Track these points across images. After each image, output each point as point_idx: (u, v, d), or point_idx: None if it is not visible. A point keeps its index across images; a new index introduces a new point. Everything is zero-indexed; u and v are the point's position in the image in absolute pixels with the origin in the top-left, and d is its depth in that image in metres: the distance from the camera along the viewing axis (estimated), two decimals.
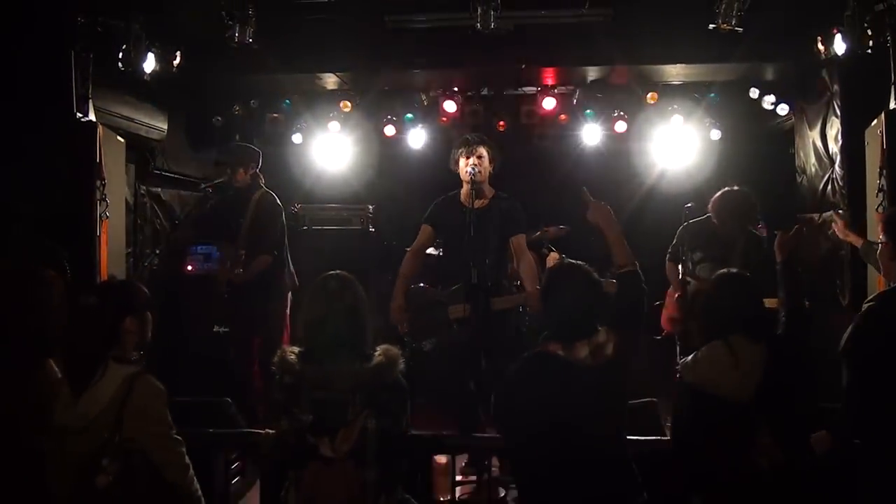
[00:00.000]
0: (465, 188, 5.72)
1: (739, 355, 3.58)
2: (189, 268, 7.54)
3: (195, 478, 3.51)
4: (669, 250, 6.49)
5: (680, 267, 6.45)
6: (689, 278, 6.31)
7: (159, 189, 7.44)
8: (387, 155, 8.93)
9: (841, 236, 5.43)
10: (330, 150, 8.59)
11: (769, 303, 5.38)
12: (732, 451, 3.52)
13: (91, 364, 3.39)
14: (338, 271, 3.46)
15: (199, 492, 3.52)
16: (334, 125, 8.28)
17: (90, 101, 5.52)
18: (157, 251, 7.15)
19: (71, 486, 3.32)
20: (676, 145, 8.18)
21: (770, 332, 3.77)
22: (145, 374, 3.46)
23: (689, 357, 3.71)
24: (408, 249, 6.58)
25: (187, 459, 3.48)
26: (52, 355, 3.67)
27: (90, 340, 3.41)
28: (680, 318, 6.23)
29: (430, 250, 6.37)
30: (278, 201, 6.88)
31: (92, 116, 5.54)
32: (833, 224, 5.40)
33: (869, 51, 5.52)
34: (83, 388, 3.35)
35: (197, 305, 7.42)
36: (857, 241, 5.23)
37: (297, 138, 8.39)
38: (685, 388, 3.70)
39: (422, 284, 5.93)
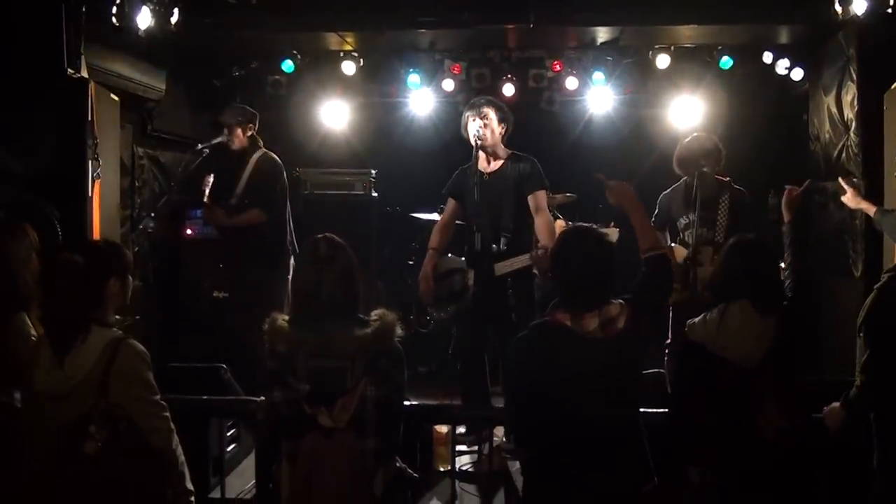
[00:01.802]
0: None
1: (752, 320, 3.45)
2: (188, 232, 7.44)
3: (179, 444, 3.43)
4: (653, 219, 6.28)
5: (668, 234, 6.29)
6: (675, 245, 6.16)
7: (157, 151, 7.28)
8: (390, 118, 8.75)
9: (852, 205, 5.23)
10: (333, 113, 8.43)
11: None
12: (735, 417, 3.41)
13: (73, 327, 3.30)
14: (327, 234, 3.31)
15: (183, 457, 3.44)
16: (337, 87, 8.12)
17: (82, 56, 5.34)
18: (152, 215, 7.00)
19: (53, 454, 3.23)
20: (687, 111, 8.00)
21: (783, 299, 3.63)
22: (129, 338, 3.38)
23: (699, 318, 3.57)
24: (411, 215, 6.48)
25: (172, 425, 3.40)
26: (25, 309, 3.63)
27: (72, 301, 3.31)
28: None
29: None
30: (279, 161, 6.75)
31: (84, 73, 5.36)
32: (841, 190, 5.22)
33: (889, 10, 5.34)
34: (65, 352, 3.26)
35: (196, 270, 7.34)
36: (869, 209, 5.04)
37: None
38: (691, 347, 3.56)
39: (450, 255, 5.84)
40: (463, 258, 5.69)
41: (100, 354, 3.26)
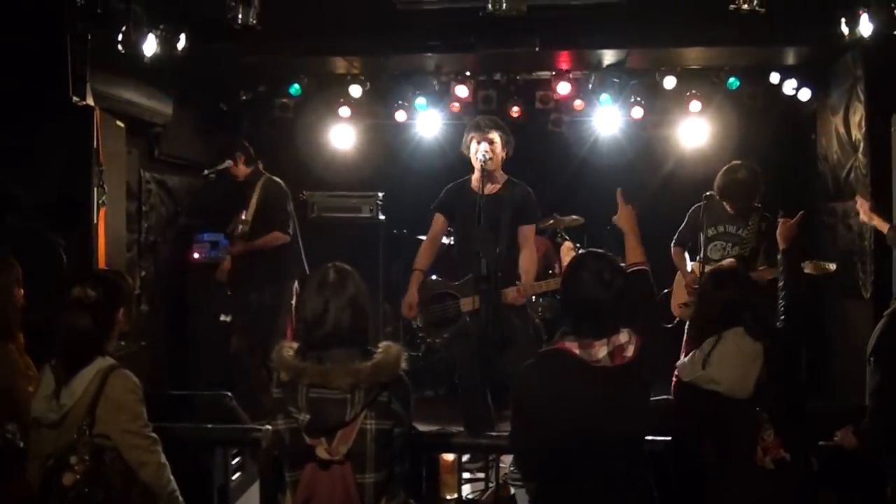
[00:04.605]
0: (476, 174, 5.55)
1: (739, 350, 3.41)
2: (195, 255, 7.44)
3: (172, 478, 3.39)
4: (677, 235, 6.24)
5: (686, 254, 6.24)
6: (694, 263, 6.12)
7: (164, 175, 7.29)
8: (397, 141, 8.76)
9: (865, 220, 5.23)
10: (339, 135, 8.45)
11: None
12: (734, 450, 3.36)
13: (84, 357, 3.31)
14: (336, 263, 3.28)
15: (178, 492, 3.40)
16: (344, 110, 8.14)
17: (87, 84, 5.36)
18: (159, 239, 7.01)
19: (40, 484, 3.22)
20: (694, 132, 7.98)
21: (770, 325, 3.58)
22: (120, 367, 3.35)
23: (686, 357, 3.54)
24: (418, 238, 6.41)
25: (163, 458, 3.36)
26: (11, 340, 3.65)
27: (88, 335, 3.32)
28: (691, 303, 6.01)
29: (445, 239, 6.15)
30: (284, 186, 6.77)
31: (90, 100, 5.38)
32: (857, 206, 5.20)
33: None
34: (66, 381, 3.27)
35: (202, 293, 7.33)
36: (882, 226, 5.03)
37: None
38: (683, 388, 3.53)
39: (434, 276, 5.77)
40: (456, 282, 5.61)
41: (90, 383, 3.25)
